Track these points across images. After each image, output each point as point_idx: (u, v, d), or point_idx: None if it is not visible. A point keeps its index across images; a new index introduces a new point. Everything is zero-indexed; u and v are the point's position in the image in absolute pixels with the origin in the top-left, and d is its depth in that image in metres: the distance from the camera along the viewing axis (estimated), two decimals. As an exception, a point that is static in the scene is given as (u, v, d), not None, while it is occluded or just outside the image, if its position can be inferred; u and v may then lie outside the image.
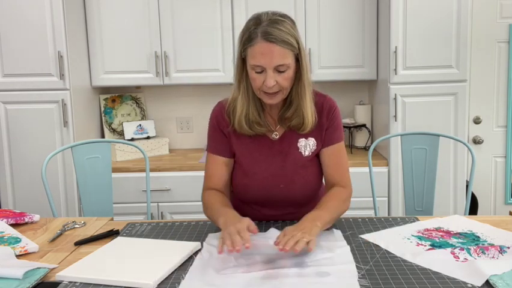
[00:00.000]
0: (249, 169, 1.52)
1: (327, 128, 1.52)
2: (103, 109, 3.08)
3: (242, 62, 1.42)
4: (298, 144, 1.51)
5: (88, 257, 1.28)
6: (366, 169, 2.31)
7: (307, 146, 1.51)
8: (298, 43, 1.37)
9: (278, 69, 1.35)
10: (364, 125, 3.00)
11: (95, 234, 1.48)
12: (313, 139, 1.52)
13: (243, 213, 1.59)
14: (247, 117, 1.47)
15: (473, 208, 3.03)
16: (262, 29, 1.33)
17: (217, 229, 1.46)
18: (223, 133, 1.54)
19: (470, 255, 1.23)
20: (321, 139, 1.52)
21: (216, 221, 1.42)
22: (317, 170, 1.55)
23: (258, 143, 1.52)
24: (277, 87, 1.38)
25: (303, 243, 1.20)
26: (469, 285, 1.07)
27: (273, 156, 1.51)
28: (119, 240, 1.40)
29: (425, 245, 1.32)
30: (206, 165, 1.58)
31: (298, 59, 1.40)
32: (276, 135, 1.52)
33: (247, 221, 1.29)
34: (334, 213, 1.43)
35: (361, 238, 1.39)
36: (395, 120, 2.64)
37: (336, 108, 1.54)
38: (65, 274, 1.16)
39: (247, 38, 1.36)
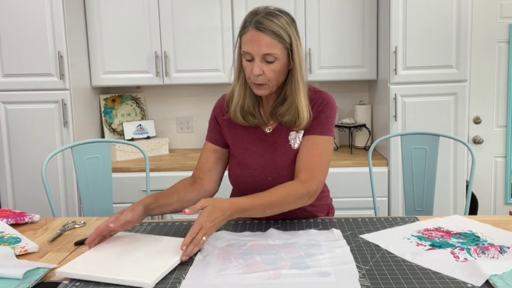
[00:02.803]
0: (242, 160, 1.55)
1: (315, 117, 1.49)
2: (103, 109, 3.08)
3: (240, 52, 1.47)
4: (289, 137, 1.52)
5: (87, 253, 1.27)
6: (366, 169, 2.31)
7: (296, 138, 1.52)
8: (290, 38, 1.40)
9: (266, 59, 1.39)
10: (364, 125, 3.00)
11: (95, 234, 1.48)
12: (302, 132, 1.52)
13: None
14: (243, 108, 1.51)
15: (473, 208, 3.03)
16: (256, 18, 1.39)
17: (217, 229, 1.46)
18: (218, 123, 1.59)
19: (470, 255, 1.23)
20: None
21: None
22: None
23: (252, 134, 1.55)
24: (263, 78, 1.41)
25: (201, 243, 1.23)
26: (469, 285, 1.07)
27: (265, 148, 1.54)
28: (119, 235, 1.40)
29: (425, 245, 1.32)
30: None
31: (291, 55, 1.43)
32: (269, 129, 1.55)
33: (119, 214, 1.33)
34: (267, 204, 1.35)
35: (361, 238, 1.39)
36: (395, 120, 2.64)
37: (329, 103, 1.50)
38: (65, 270, 1.16)
39: (242, 26, 1.43)
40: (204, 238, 1.24)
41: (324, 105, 1.49)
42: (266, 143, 1.54)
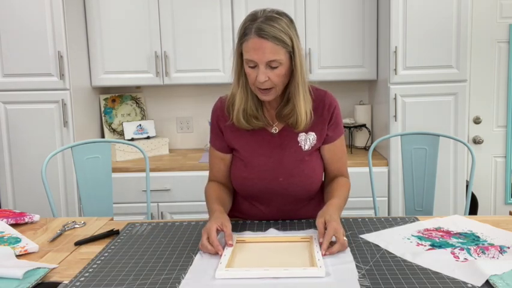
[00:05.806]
0: (249, 162, 1.53)
1: (329, 124, 1.54)
2: (103, 109, 3.08)
3: (240, 57, 1.45)
4: (299, 139, 1.52)
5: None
6: (366, 169, 2.31)
7: (307, 140, 1.52)
8: (292, 41, 1.38)
9: (270, 65, 1.37)
10: (364, 125, 3.00)
11: (95, 234, 1.48)
12: (313, 134, 1.52)
13: (242, 210, 1.62)
14: (245, 111, 1.49)
15: (473, 208, 3.03)
16: (256, 25, 1.36)
17: None
18: (220, 130, 1.58)
19: (470, 255, 1.23)
20: (322, 134, 1.54)
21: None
22: (317, 165, 1.56)
23: (257, 136, 1.53)
24: (269, 83, 1.40)
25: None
26: (469, 285, 1.07)
27: (272, 149, 1.52)
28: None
29: (425, 245, 1.32)
30: (209, 155, 1.65)
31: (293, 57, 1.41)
32: (275, 130, 1.53)
33: (217, 223, 1.33)
34: (345, 200, 1.53)
35: (361, 238, 1.39)
36: (395, 120, 2.64)
37: (337, 105, 1.57)
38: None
39: (243, 33, 1.39)
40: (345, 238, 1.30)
41: (334, 108, 1.55)
42: (273, 143, 1.53)
